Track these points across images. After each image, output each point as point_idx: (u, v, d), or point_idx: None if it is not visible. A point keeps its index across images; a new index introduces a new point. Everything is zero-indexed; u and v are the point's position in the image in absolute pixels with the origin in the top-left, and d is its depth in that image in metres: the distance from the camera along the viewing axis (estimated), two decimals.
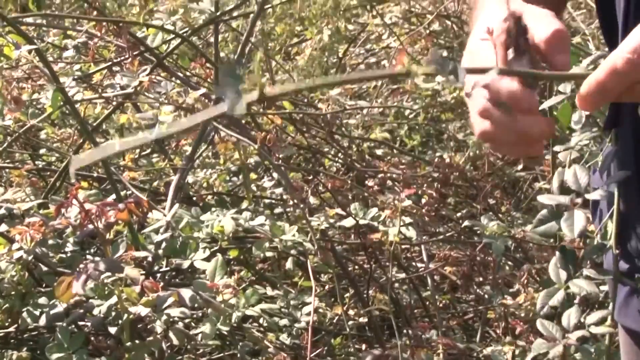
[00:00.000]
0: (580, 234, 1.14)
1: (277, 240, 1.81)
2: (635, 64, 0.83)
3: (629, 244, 1.15)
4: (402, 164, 2.70)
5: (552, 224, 1.16)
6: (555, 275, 1.19)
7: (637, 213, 1.12)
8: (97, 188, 2.26)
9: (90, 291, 1.60)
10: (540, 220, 1.17)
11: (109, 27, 2.26)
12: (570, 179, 1.17)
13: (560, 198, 1.16)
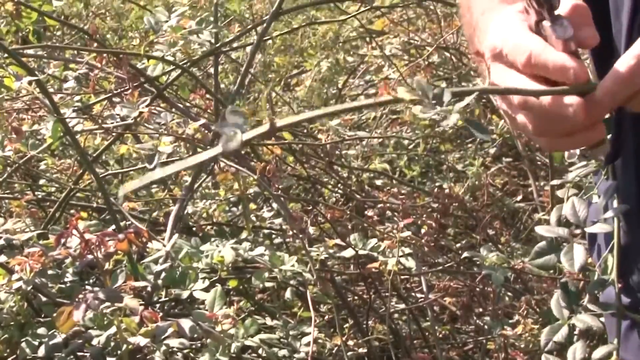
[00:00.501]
0: (580, 268, 1.13)
1: (276, 270, 1.81)
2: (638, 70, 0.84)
3: (630, 278, 1.15)
4: (402, 195, 2.70)
5: (551, 257, 1.15)
6: (558, 311, 1.18)
7: (637, 246, 1.13)
8: (97, 218, 2.27)
9: (89, 321, 1.60)
10: (537, 252, 1.15)
11: (110, 59, 2.27)
12: (568, 211, 1.16)
13: (558, 230, 1.16)
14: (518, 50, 0.92)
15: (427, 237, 2.38)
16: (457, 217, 2.76)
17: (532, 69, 0.91)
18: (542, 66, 0.89)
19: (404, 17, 3.55)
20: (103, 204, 2.18)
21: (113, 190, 2.48)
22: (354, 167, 2.83)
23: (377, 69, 3.48)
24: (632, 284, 1.15)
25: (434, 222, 2.53)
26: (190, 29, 2.09)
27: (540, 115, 0.91)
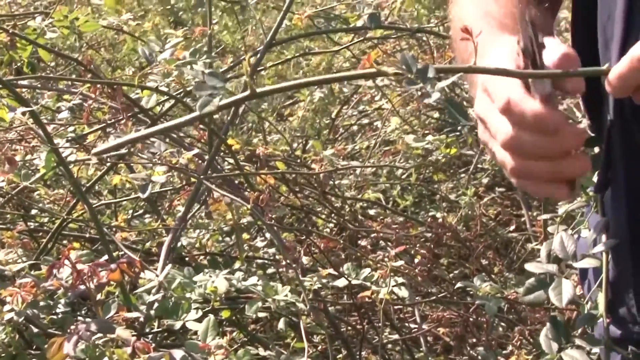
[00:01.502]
0: (568, 303, 1.13)
1: (269, 300, 1.80)
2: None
3: (621, 310, 1.15)
4: (395, 224, 2.70)
5: (541, 293, 1.15)
6: (547, 346, 1.18)
7: (629, 279, 1.12)
8: (90, 249, 2.26)
9: (81, 353, 1.59)
10: (528, 288, 1.15)
11: (103, 89, 2.28)
12: (557, 247, 1.16)
13: (547, 266, 1.16)
14: (497, 94, 0.93)
15: (420, 267, 2.38)
16: (450, 246, 2.76)
17: (510, 115, 0.91)
18: (519, 114, 0.90)
19: (397, 47, 3.57)
20: (96, 234, 2.17)
21: (106, 220, 2.48)
22: (347, 197, 2.84)
23: (370, 99, 3.50)
24: (623, 316, 1.15)
25: (427, 251, 2.53)
26: (184, 59, 2.10)
27: (521, 131, 0.91)
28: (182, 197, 2.36)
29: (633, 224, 1.09)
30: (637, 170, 1.06)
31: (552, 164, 0.91)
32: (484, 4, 1.14)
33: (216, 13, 3.57)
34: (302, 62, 3.44)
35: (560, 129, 0.88)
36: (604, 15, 1.09)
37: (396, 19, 3.19)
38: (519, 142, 0.91)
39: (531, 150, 0.92)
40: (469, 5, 1.17)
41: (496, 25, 1.08)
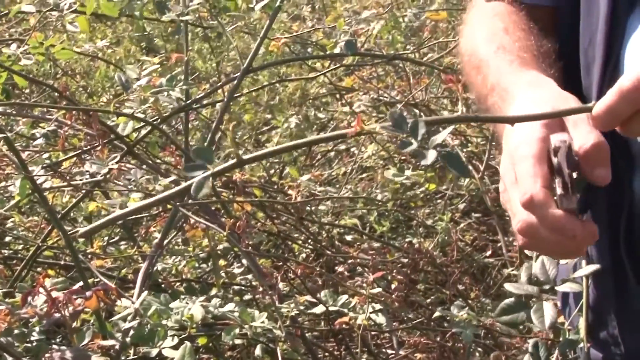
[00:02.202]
0: (551, 326, 1.14)
1: (246, 327, 1.80)
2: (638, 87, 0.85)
3: (602, 333, 1.16)
4: (372, 250, 2.71)
5: (518, 315, 1.15)
6: None
7: (611, 302, 1.14)
8: (65, 276, 2.25)
9: None
10: (504, 309, 1.16)
11: (79, 116, 2.27)
12: (538, 270, 1.17)
13: (528, 287, 1.16)
14: (521, 181, 0.93)
15: (397, 293, 2.38)
16: (427, 272, 2.77)
17: (531, 211, 0.92)
18: (540, 216, 0.91)
19: (374, 74, 3.59)
20: (71, 262, 2.16)
21: (81, 247, 2.47)
22: (324, 223, 2.84)
23: (347, 125, 3.51)
24: (604, 338, 1.16)
25: (404, 277, 2.53)
26: (161, 86, 2.10)
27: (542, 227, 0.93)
28: (158, 223, 2.35)
29: (614, 248, 1.10)
30: (618, 196, 1.08)
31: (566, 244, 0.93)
32: (497, 37, 1.15)
33: (191, 39, 3.58)
34: (279, 88, 3.46)
35: (577, 234, 0.90)
36: (585, 40, 1.12)
37: (372, 45, 3.22)
38: (535, 233, 0.93)
39: (546, 244, 0.94)
40: (481, 39, 1.18)
41: (516, 61, 1.09)
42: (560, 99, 0.98)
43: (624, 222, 1.09)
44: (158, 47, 3.82)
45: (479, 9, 1.26)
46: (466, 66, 1.20)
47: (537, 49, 1.12)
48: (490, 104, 1.09)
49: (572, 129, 0.94)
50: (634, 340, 1.13)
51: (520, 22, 1.18)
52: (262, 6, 2.29)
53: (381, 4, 2.97)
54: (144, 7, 2.34)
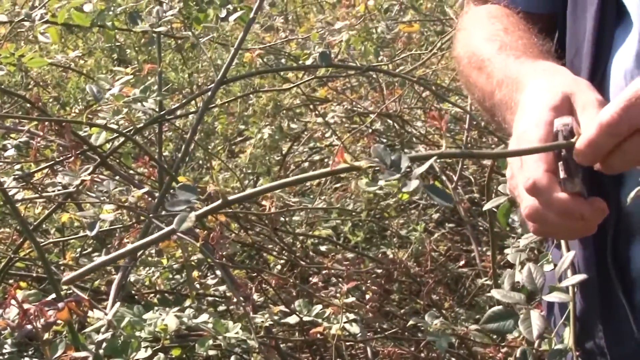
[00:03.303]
0: (539, 337, 1.13)
1: (220, 337, 1.79)
2: (620, 121, 0.86)
3: (587, 344, 1.17)
4: (346, 261, 2.71)
5: (506, 323, 1.14)
6: None
7: (598, 314, 1.14)
8: (37, 288, 2.24)
9: None
10: (490, 316, 1.15)
11: (52, 127, 2.26)
12: (525, 278, 1.16)
13: (515, 296, 1.16)
14: (524, 167, 0.95)
15: (371, 303, 2.38)
16: (401, 282, 2.77)
17: (536, 196, 0.93)
18: (545, 200, 0.92)
19: (347, 85, 3.60)
20: (43, 273, 2.15)
21: (54, 259, 2.46)
22: (298, 234, 2.84)
23: (321, 136, 3.52)
24: (590, 349, 1.17)
25: (378, 287, 2.54)
26: (135, 96, 2.10)
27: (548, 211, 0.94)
28: (131, 235, 2.34)
29: (601, 259, 1.11)
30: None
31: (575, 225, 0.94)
32: (498, 37, 1.15)
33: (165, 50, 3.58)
34: (253, 99, 3.46)
35: (585, 215, 0.91)
36: (571, 50, 1.12)
37: (346, 56, 3.23)
38: (543, 218, 0.94)
39: (555, 227, 0.95)
40: (481, 39, 1.18)
41: (523, 55, 1.09)
42: (574, 84, 0.99)
43: (610, 235, 1.09)
44: (130, 59, 3.81)
45: (473, 14, 1.27)
46: (465, 69, 1.19)
47: (540, 46, 1.13)
48: (498, 99, 1.09)
49: (580, 113, 0.94)
50: (619, 351, 1.13)
51: (518, 23, 1.18)
52: (235, 18, 2.30)
53: (354, 15, 2.98)
54: (116, 18, 2.33)
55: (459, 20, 1.31)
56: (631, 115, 0.85)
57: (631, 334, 1.10)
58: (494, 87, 1.10)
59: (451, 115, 3.44)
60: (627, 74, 1.03)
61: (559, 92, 0.97)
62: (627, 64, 1.04)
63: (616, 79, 1.05)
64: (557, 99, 0.96)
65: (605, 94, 1.06)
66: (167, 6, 2.32)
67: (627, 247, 1.10)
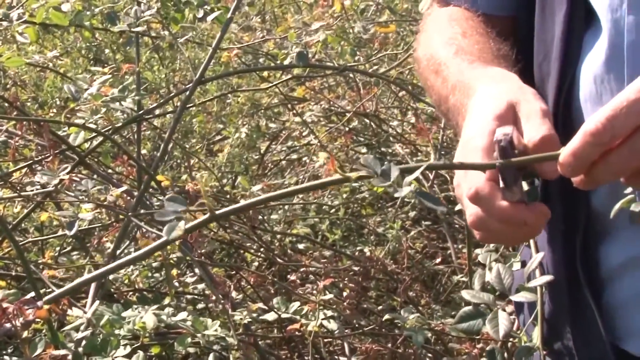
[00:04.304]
0: (505, 336, 1.14)
1: (199, 335, 1.80)
2: (605, 130, 0.86)
3: (556, 345, 1.17)
4: (324, 258, 2.72)
5: (475, 322, 1.15)
6: None
7: (566, 315, 1.14)
8: (16, 287, 2.23)
9: None
10: (462, 317, 1.16)
11: (30, 126, 2.26)
12: (494, 279, 1.17)
13: (484, 296, 1.17)
14: (468, 177, 0.95)
15: (348, 300, 2.39)
16: (378, 279, 2.79)
17: (477, 204, 0.94)
18: (486, 208, 0.93)
19: (325, 84, 3.61)
20: (22, 272, 2.14)
21: (33, 258, 2.45)
22: (276, 232, 2.85)
23: (299, 135, 3.53)
24: (558, 349, 1.17)
25: (355, 285, 2.55)
26: (113, 96, 2.10)
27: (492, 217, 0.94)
28: (110, 234, 2.34)
29: (570, 261, 1.11)
30: (574, 213, 1.08)
31: (518, 232, 0.94)
32: (456, 41, 1.16)
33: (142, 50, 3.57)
34: (230, 98, 3.46)
35: (527, 221, 0.92)
36: (539, 54, 1.12)
37: (323, 56, 3.24)
38: (486, 225, 0.95)
39: (498, 234, 0.96)
40: (439, 43, 1.18)
41: (477, 60, 1.10)
42: (520, 92, 0.99)
43: (580, 237, 1.09)
44: (106, 58, 3.80)
45: (435, 16, 1.27)
46: (424, 71, 1.20)
47: (495, 51, 1.13)
48: (452, 103, 1.09)
49: (525, 122, 0.95)
50: (588, 352, 1.13)
51: (477, 26, 1.18)
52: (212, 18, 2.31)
53: (331, 16, 2.99)
54: (94, 18, 2.33)
55: (423, 21, 1.32)
56: (616, 125, 0.85)
57: (599, 335, 1.10)
58: (448, 92, 1.11)
59: (427, 115, 3.46)
60: (596, 79, 1.04)
61: (504, 100, 0.97)
62: (596, 68, 1.04)
63: (585, 83, 1.05)
64: (502, 107, 0.97)
65: (575, 99, 1.06)
66: (145, 6, 2.32)
67: (597, 249, 1.11)
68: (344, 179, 0.86)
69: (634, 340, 1.12)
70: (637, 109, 0.85)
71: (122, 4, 2.47)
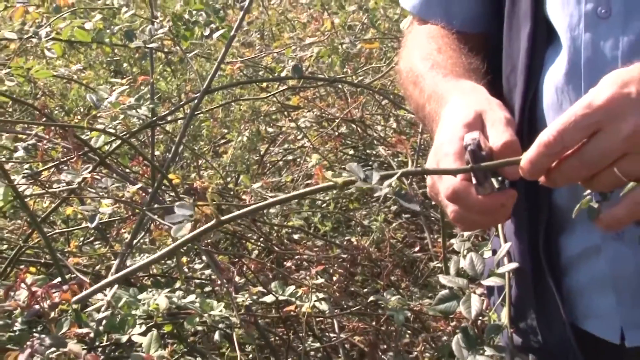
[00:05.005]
0: (476, 316, 1.15)
1: (206, 315, 1.79)
2: (556, 142, 0.86)
3: (522, 324, 1.17)
4: (316, 247, 2.71)
5: (452, 304, 1.16)
6: (459, 352, 1.19)
7: (531, 300, 1.15)
8: (45, 273, 2.22)
9: None
10: (440, 299, 1.17)
11: (57, 131, 2.24)
12: (467, 265, 1.18)
13: (458, 281, 1.17)
14: (445, 179, 0.96)
15: (338, 284, 2.39)
16: (364, 266, 2.78)
17: (455, 202, 0.95)
18: (464, 205, 0.94)
19: (317, 94, 3.60)
20: (50, 260, 2.13)
21: (59, 247, 2.44)
22: (274, 224, 2.84)
23: (294, 139, 3.52)
24: (524, 328, 1.17)
25: (344, 270, 2.54)
26: (130, 104, 2.09)
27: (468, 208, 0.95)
28: (128, 226, 2.33)
29: (534, 252, 1.11)
30: (537, 208, 1.09)
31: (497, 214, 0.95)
32: (432, 56, 1.16)
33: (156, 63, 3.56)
34: (234, 106, 3.45)
35: (505, 203, 0.92)
36: (507, 67, 1.12)
37: (315, 69, 3.23)
38: (466, 218, 0.95)
39: (478, 223, 0.97)
40: (417, 58, 1.18)
41: (450, 74, 1.10)
42: (486, 103, 0.99)
43: (542, 230, 1.09)
44: (125, 70, 3.78)
45: (415, 33, 1.27)
46: (404, 82, 1.20)
47: (467, 65, 1.13)
48: (428, 111, 1.10)
49: (489, 128, 0.95)
50: (550, 332, 1.14)
51: (451, 43, 1.18)
52: (217, 35, 2.30)
53: (322, 33, 2.98)
54: (114, 35, 2.32)
55: (404, 37, 1.32)
56: (565, 137, 0.85)
57: (560, 316, 1.11)
58: (425, 101, 1.11)
59: (406, 121, 3.45)
60: (557, 90, 1.04)
61: (472, 109, 0.98)
62: (557, 80, 1.04)
63: (548, 93, 1.05)
64: (470, 116, 0.97)
65: (539, 107, 1.07)
66: (158, 25, 2.31)
67: (558, 239, 1.11)
68: (332, 186, 0.87)
69: (590, 321, 1.12)
70: (584, 123, 0.85)
71: (138, 23, 2.45)
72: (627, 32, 0.99)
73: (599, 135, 0.84)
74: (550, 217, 1.09)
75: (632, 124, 0.83)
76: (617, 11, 1.00)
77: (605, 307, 1.09)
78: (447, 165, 0.94)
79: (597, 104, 0.84)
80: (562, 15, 1.04)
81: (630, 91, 0.84)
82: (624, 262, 1.05)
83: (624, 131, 0.83)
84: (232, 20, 2.56)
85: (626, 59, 0.97)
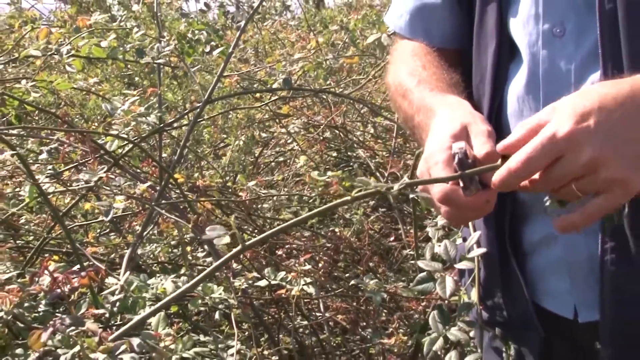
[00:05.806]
0: (450, 295, 1.15)
1: (207, 297, 1.77)
2: (523, 169, 0.86)
3: (489, 302, 1.18)
4: (304, 237, 2.70)
5: (428, 285, 1.17)
6: (435, 326, 1.19)
7: (497, 280, 1.15)
8: (66, 261, 2.19)
9: (58, 342, 1.54)
10: (418, 281, 1.18)
11: (76, 136, 2.22)
12: (442, 251, 1.18)
13: (435, 265, 1.17)
14: (436, 185, 0.96)
15: (323, 270, 2.37)
16: (346, 254, 2.77)
17: (447, 203, 0.95)
18: (455, 205, 0.94)
19: (304, 103, 3.59)
20: (70, 249, 2.10)
21: (79, 238, 2.41)
22: (267, 217, 2.82)
23: (284, 143, 3.51)
24: (490, 305, 1.18)
25: (328, 258, 2.53)
26: (140, 112, 2.07)
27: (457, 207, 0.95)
28: (139, 219, 2.31)
29: (501, 238, 1.12)
30: (503, 201, 1.08)
31: (484, 209, 0.95)
32: (417, 72, 1.16)
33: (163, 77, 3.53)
34: (232, 114, 3.43)
35: (489, 200, 0.93)
36: (477, 77, 1.13)
37: (303, 81, 3.21)
38: (458, 217, 0.96)
39: (469, 218, 1.00)
40: (405, 73, 1.18)
41: (435, 89, 1.10)
42: (471, 116, 0.99)
43: (508, 220, 1.10)
44: (137, 83, 3.76)
45: (401, 51, 1.26)
46: (393, 95, 1.20)
47: (449, 80, 1.13)
48: (417, 122, 1.09)
49: (473, 139, 0.95)
50: (514, 308, 1.14)
51: (434, 60, 1.18)
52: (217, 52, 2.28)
53: (308, 49, 2.97)
54: (126, 52, 2.30)
55: (391, 53, 1.31)
56: (531, 164, 0.86)
57: (523, 295, 1.11)
58: (414, 112, 1.11)
59: (382, 127, 3.45)
60: (519, 99, 1.04)
61: (458, 122, 0.98)
62: (518, 90, 1.05)
63: (511, 102, 1.06)
64: (457, 128, 0.97)
65: (503, 113, 1.07)
66: (165, 43, 2.29)
67: (521, 228, 1.11)
68: (347, 201, 0.89)
69: (549, 299, 1.12)
70: (547, 150, 0.85)
71: (147, 42, 2.43)
72: (579, 49, 0.99)
73: (562, 161, 0.86)
74: (515, 209, 1.10)
75: (589, 154, 0.84)
76: (570, 30, 1.00)
77: (561, 288, 1.09)
78: (437, 171, 0.94)
79: (560, 137, 0.85)
80: (523, 33, 1.04)
81: (589, 124, 0.85)
82: (577, 249, 1.05)
83: (583, 159, 0.84)
84: (230, 39, 2.54)
85: (579, 72, 0.98)
